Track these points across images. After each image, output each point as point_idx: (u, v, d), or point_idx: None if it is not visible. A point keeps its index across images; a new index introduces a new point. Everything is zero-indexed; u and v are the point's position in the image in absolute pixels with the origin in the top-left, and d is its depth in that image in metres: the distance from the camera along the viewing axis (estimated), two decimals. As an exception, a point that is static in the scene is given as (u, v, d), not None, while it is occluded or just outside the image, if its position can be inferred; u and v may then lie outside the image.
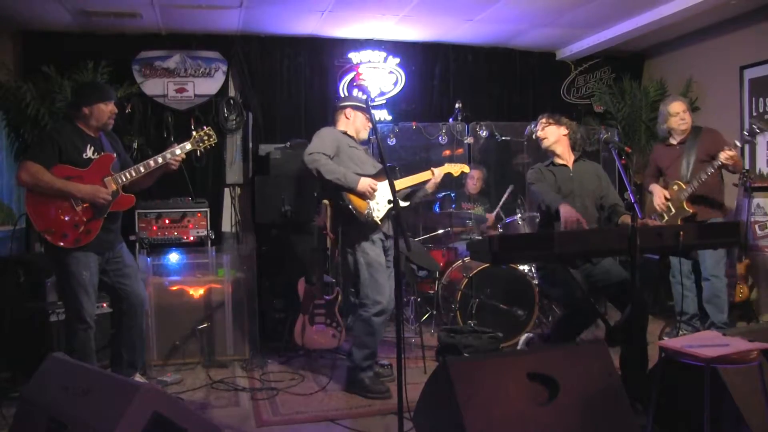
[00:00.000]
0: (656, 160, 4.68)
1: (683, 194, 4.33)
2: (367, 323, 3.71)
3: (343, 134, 3.90)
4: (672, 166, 4.49)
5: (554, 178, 3.71)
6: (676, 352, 2.44)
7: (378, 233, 3.75)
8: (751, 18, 5.30)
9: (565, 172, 3.72)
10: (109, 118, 3.52)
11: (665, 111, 4.51)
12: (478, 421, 2.33)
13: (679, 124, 4.45)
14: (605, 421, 2.53)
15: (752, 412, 2.55)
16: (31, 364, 2.51)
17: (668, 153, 4.56)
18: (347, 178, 3.64)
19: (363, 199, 3.68)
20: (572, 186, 3.67)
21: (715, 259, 4.38)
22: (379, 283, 3.70)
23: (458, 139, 5.73)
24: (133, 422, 1.90)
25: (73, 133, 3.45)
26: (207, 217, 4.80)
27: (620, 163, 3.42)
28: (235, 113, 5.75)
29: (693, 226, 3.17)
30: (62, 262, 3.38)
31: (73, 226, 3.36)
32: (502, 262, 3.80)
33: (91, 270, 3.44)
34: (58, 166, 3.35)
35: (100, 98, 3.47)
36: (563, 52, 6.50)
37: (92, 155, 3.46)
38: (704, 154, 4.33)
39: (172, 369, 4.25)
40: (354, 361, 3.75)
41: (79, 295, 3.39)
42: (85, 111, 3.45)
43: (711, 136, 4.44)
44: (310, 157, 3.67)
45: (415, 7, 5.12)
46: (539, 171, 3.78)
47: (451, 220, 5.50)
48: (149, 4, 4.84)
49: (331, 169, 3.64)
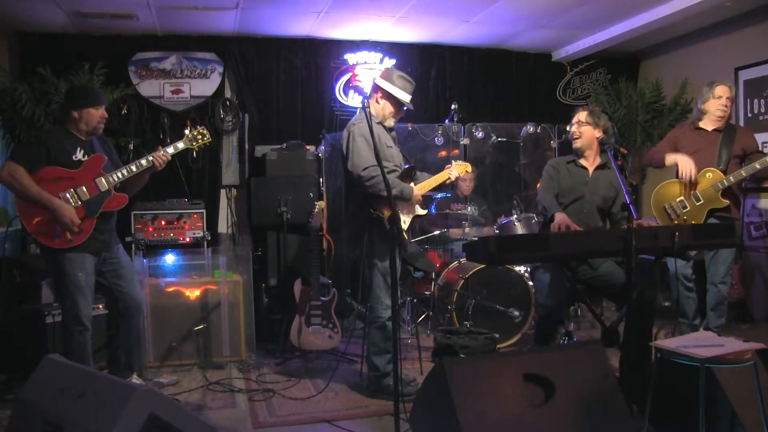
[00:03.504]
0: (678, 140, 4.21)
1: (719, 184, 3.92)
2: (383, 329, 3.64)
3: (378, 125, 3.66)
4: (702, 152, 4.06)
5: (569, 177, 3.67)
6: (672, 352, 2.44)
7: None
8: (746, 19, 5.32)
9: (583, 175, 3.68)
10: (99, 123, 3.50)
11: (708, 92, 4.12)
12: (474, 422, 2.33)
13: (719, 109, 4.07)
14: (601, 421, 2.53)
15: (747, 412, 2.55)
16: (27, 366, 2.51)
17: (698, 137, 4.14)
18: (404, 191, 3.54)
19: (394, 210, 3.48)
20: (584, 191, 3.64)
21: (728, 265, 4.13)
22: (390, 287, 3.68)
23: (454, 141, 5.74)
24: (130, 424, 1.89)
25: (63, 136, 3.44)
26: (203, 219, 4.79)
27: (616, 164, 3.43)
28: (231, 114, 5.75)
29: (688, 227, 3.17)
30: (57, 263, 3.37)
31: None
32: (499, 263, 3.80)
33: (87, 271, 3.42)
34: (47, 168, 3.33)
35: (90, 103, 3.45)
36: (559, 53, 6.51)
37: (82, 157, 3.45)
38: (740, 150, 4.06)
39: (169, 370, 4.24)
40: (377, 368, 3.67)
41: (75, 297, 3.38)
42: (74, 114, 3.44)
43: (747, 133, 4.19)
44: (366, 172, 3.46)
45: (412, 9, 5.13)
46: (555, 168, 3.73)
47: (448, 221, 5.51)
48: (145, 6, 4.84)
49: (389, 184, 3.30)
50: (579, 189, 3.65)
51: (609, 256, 3.50)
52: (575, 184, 3.66)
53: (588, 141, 3.66)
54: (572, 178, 3.68)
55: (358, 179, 3.51)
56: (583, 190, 3.65)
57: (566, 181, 3.69)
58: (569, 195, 3.67)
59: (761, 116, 5.30)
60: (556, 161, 3.82)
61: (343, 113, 5.99)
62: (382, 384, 3.67)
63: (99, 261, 3.52)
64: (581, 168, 3.70)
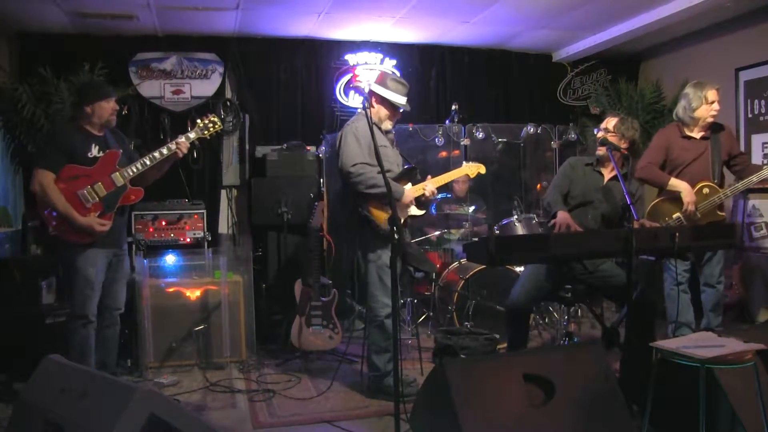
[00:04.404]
0: (670, 150, 4.06)
1: (716, 199, 3.88)
2: (381, 328, 3.66)
3: (375, 125, 3.61)
4: (695, 164, 3.98)
5: (584, 179, 3.65)
6: (672, 352, 2.44)
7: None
8: (746, 20, 5.31)
9: (598, 181, 3.65)
10: (111, 115, 3.61)
11: (698, 95, 3.94)
12: (474, 422, 2.33)
13: (710, 114, 3.94)
14: (601, 422, 2.54)
15: (747, 413, 2.55)
16: (27, 367, 2.51)
17: (689, 147, 4.02)
18: (395, 190, 3.51)
19: (385, 212, 3.54)
20: (595, 197, 3.61)
21: (722, 266, 4.12)
22: (387, 286, 3.68)
23: (455, 141, 5.74)
24: (130, 424, 1.89)
25: (78, 134, 3.54)
26: (204, 219, 4.80)
27: (616, 165, 3.43)
28: (231, 115, 5.75)
29: (689, 227, 3.17)
30: (69, 257, 3.48)
31: None
32: (499, 263, 3.80)
33: (98, 267, 3.54)
34: (65, 166, 3.43)
35: (100, 96, 3.56)
36: (560, 53, 6.51)
37: (97, 153, 3.55)
38: (726, 155, 4.00)
39: (169, 371, 4.24)
40: (377, 368, 3.68)
41: (85, 290, 3.49)
42: (87, 110, 3.53)
43: (729, 135, 4.10)
44: (353, 169, 3.51)
45: (412, 9, 5.13)
46: (573, 167, 3.71)
47: (448, 222, 5.51)
48: (145, 6, 4.84)
49: (377, 182, 3.45)
50: (590, 194, 3.62)
51: (609, 257, 3.50)
52: (587, 189, 3.63)
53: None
54: (586, 181, 3.65)
55: (347, 176, 3.56)
56: (593, 195, 3.62)
57: (580, 182, 3.66)
58: (579, 197, 3.64)
59: (762, 117, 5.30)
60: (576, 160, 3.78)
61: (343, 114, 5.99)
62: (382, 384, 3.67)
63: (110, 255, 3.62)
64: (598, 174, 3.67)
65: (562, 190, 3.67)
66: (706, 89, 3.94)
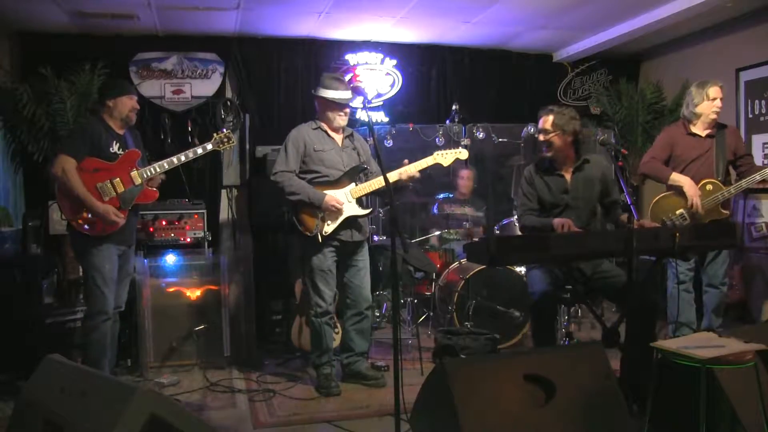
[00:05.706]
0: (675, 146, 4.08)
1: (720, 197, 3.89)
2: (313, 325, 3.88)
3: (315, 130, 3.87)
4: (700, 162, 4.00)
5: (547, 190, 3.56)
6: (672, 353, 2.44)
7: (328, 247, 3.78)
8: (747, 20, 5.32)
9: (561, 184, 3.55)
10: (131, 111, 3.73)
11: (701, 93, 3.98)
12: (474, 422, 2.33)
13: (714, 112, 3.98)
14: (602, 422, 2.53)
15: (748, 413, 2.55)
16: (28, 366, 2.51)
17: (694, 144, 4.04)
18: (311, 197, 3.69)
19: (314, 217, 3.71)
20: (566, 199, 3.53)
21: (727, 266, 4.11)
22: (319, 287, 3.80)
23: (455, 141, 5.74)
24: (130, 424, 1.89)
25: (101, 128, 3.64)
26: (204, 219, 4.79)
27: (617, 165, 3.43)
28: (232, 115, 5.75)
29: (690, 227, 3.17)
30: (87, 256, 3.56)
31: None
32: (499, 264, 3.80)
33: (113, 263, 3.63)
34: (87, 158, 3.52)
35: (122, 91, 3.71)
36: (560, 54, 6.51)
37: (118, 151, 3.65)
38: (732, 155, 4.01)
39: (169, 371, 4.24)
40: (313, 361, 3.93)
41: (102, 288, 3.57)
42: (109, 104, 3.67)
43: (736, 135, 4.12)
44: (274, 177, 3.77)
45: (413, 9, 5.13)
46: (530, 182, 3.60)
47: (448, 222, 5.50)
48: (146, 6, 4.84)
49: (294, 190, 3.70)
50: (559, 198, 3.54)
51: (610, 257, 3.50)
52: (555, 195, 3.55)
53: (558, 149, 3.51)
54: (550, 190, 3.56)
55: (273, 184, 3.78)
56: (563, 199, 3.53)
57: (545, 194, 3.57)
58: (552, 208, 3.56)
59: (762, 117, 5.30)
60: (530, 174, 3.63)
61: (343, 114, 5.98)
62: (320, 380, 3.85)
63: (119, 253, 3.68)
64: (558, 177, 3.56)
65: (534, 209, 3.59)
66: (708, 86, 3.99)
